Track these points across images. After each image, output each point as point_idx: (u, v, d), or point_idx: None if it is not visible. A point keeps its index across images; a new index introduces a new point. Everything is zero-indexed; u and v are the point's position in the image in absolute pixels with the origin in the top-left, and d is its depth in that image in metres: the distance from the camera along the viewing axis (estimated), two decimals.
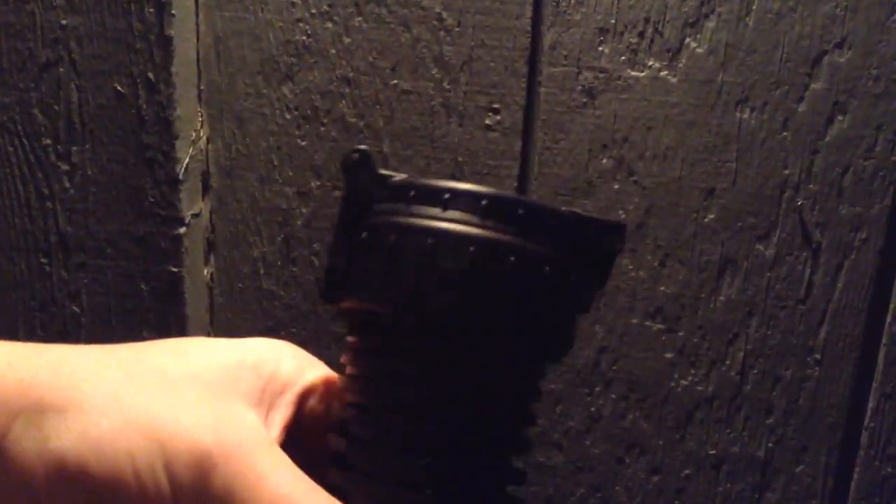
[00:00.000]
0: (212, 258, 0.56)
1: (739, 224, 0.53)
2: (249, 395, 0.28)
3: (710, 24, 0.51)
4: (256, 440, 0.26)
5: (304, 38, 0.52)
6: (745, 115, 0.52)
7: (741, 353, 0.55)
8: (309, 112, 0.53)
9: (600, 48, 0.51)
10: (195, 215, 0.54)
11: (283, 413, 0.30)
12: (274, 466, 0.26)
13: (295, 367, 0.31)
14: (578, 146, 0.53)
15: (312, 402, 0.32)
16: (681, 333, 0.55)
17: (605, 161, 0.53)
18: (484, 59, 0.52)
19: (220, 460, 0.25)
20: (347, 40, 0.52)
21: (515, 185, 0.53)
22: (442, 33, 0.51)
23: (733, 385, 0.56)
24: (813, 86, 0.51)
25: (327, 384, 0.32)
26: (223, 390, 0.27)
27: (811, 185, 0.53)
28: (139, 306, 0.55)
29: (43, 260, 0.54)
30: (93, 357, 0.27)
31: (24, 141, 0.53)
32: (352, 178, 0.29)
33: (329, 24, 0.52)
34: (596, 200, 0.53)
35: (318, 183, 0.54)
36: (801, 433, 0.56)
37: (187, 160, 0.53)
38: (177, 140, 0.52)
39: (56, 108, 0.52)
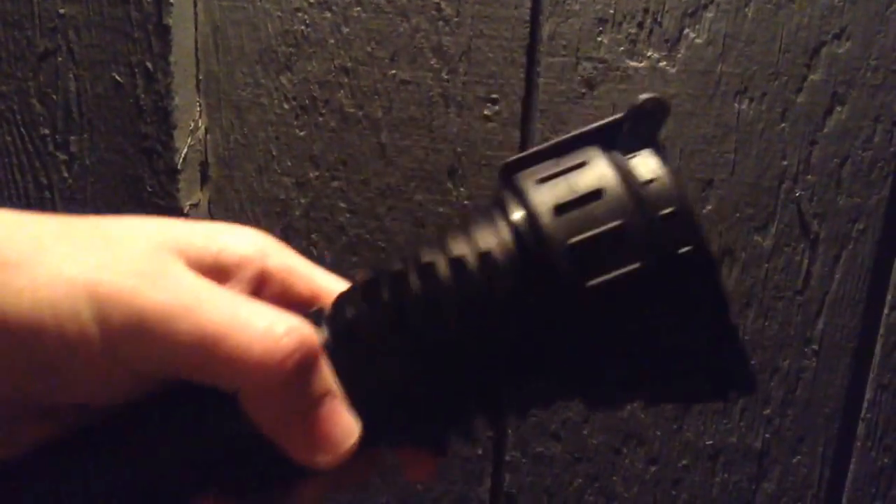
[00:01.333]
0: None
1: (737, 215, 0.53)
2: (195, 260, 0.27)
3: (709, 15, 0.51)
4: (199, 285, 0.25)
5: (303, 27, 0.52)
6: (744, 106, 0.52)
7: None
8: (307, 102, 0.53)
9: (599, 38, 0.51)
10: (193, 205, 0.54)
11: (236, 289, 0.29)
12: (223, 299, 0.25)
13: (257, 249, 0.30)
14: None
15: (273, 286, 0.30)
16: None
17: None
18: (483, 49, 0.52)
19: (160, 308, 0.24)
20: (346, 30, 0.52)
21: None
22: (441, 23, 0.51)
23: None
24: (811, 77, 0.51)
25: (290, 271, 0.31)
26: (165, 250, 0.26)
27: (809, 176, 0.53)
28: None
29: None
30: (41, 219, 0.26)
31: (23, 130, 0.53)
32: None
33: (327, 14, 0.52)
34: None
35: (317, 173, 0.54)
36: (798, 424, 0.57)
37: (186, 150, 0.53)
38: (175, 130, 0.52)
39: (54, 97, 0.52)
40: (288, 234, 0.55)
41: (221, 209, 0.55)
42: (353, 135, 0.53)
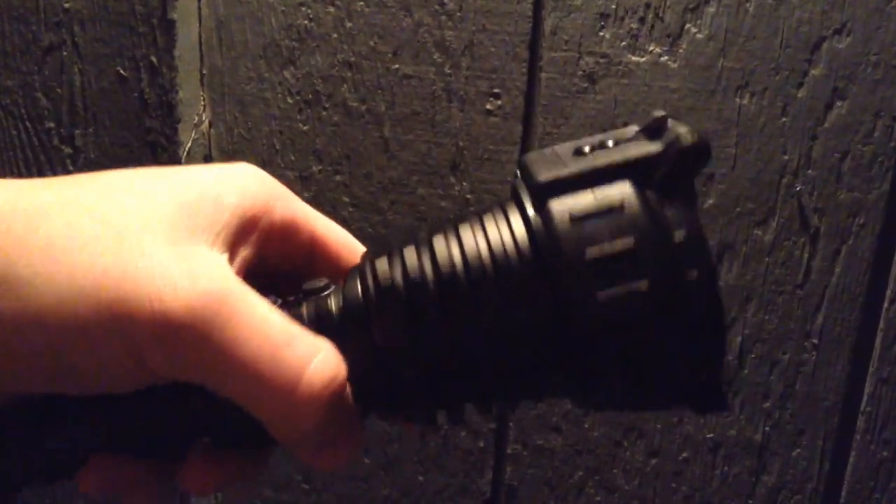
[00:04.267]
0: None
1: (738, 209, 0.54)
2: (210, 230, 0.26)
3: (711, 10, 0.51)
4: (228, 289, 0.24)
5: (307, 22, 0.52)
6: (745, 101, 0.52)
7: (739, 338, 0.56)
8: (311, 96, 0.53)
9: (601, 33, 0.52)
10: None
11: (247, 251, 0.28)
12: (253, 314, 0.24)
13: (263, 203, 0.29)
14: (579, 131, 0.53)
15: (275, 239, 0.30)
16: None
17: None
18: (485, 43, 0.52)
19: (187, 320, 0.23)
20: (349, 25, 0.52)
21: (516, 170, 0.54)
22: (443, 18, 0.52)
23: (731, 369, 0.56)
24: (812, 72, 0.52)
25: (293, 222, 0.30)
26: (183, 230, 0.25)
27: (810, 171, 0.53)
28: None
29: None
30: (35, 201, 0.24)
31: (28, 124, 0.53)
32: None
33: (331, 9, 0.52)
34: None
35: (320, 167, 0.54)
36: (797, 417, 0.57)
37: (189, 144, 0.53)
38: (179, 124, 0.52)
39: (59, 91, 0.53)
40: None
41: None
42: (356, 129, 0.54)
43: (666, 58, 0.52)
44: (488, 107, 0.53)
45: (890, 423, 0.56)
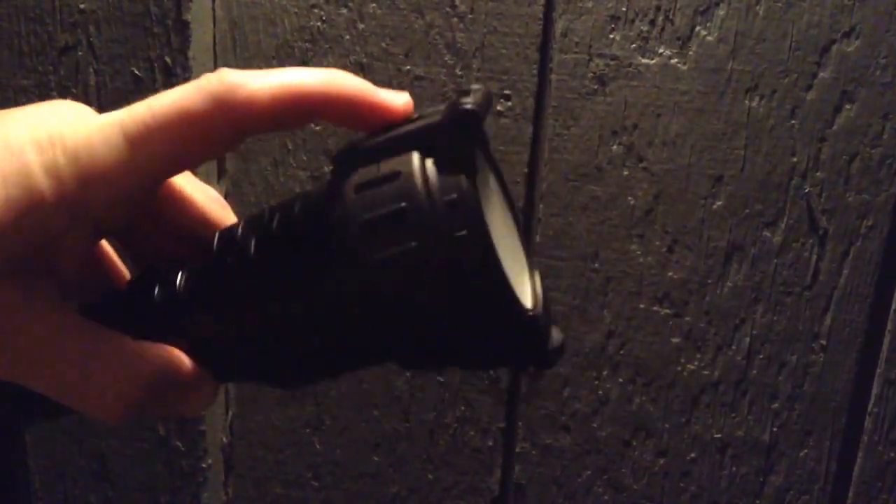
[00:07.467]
0: None
1: (747, 211, 0.54)
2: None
3: (721, 13, 0.51)
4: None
5: (319, 23, 0.53)
6: (754, 103, 0.53)
7: (747, 339, 0.56)
8: None
9: (611, 35, 0.52)
10: None
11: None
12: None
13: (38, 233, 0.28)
14: (589, 132, 0.53)
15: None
16: (688, 318, 0.56)
17: (614, 147, 0.53)
18: (496, 45, 0.52)
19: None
20: (361, 26, 0.53)
21: (526, 170, 0.54)
22: (455, 20, 0.52)
23: (739, 370, 0.57)
24: (821, 74, 0.52)
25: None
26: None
27: (819, 173, 0.53)
28: None
29: None
30: None
31: None
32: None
33: (343, 10, 0.52)
34: (605, 186, 0.54)
35: (331, 167, 0.55)
36: (805, 418, 0.57)
37: None
38: None
39: (74, 91, 0.53)
40: None
41: (238, 201, 0.56)
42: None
43: (676, 60, 0.52)
44: (499, 108, 0.53)
45: None
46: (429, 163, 0.27)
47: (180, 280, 0.30)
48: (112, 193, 0.25)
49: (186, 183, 0.32)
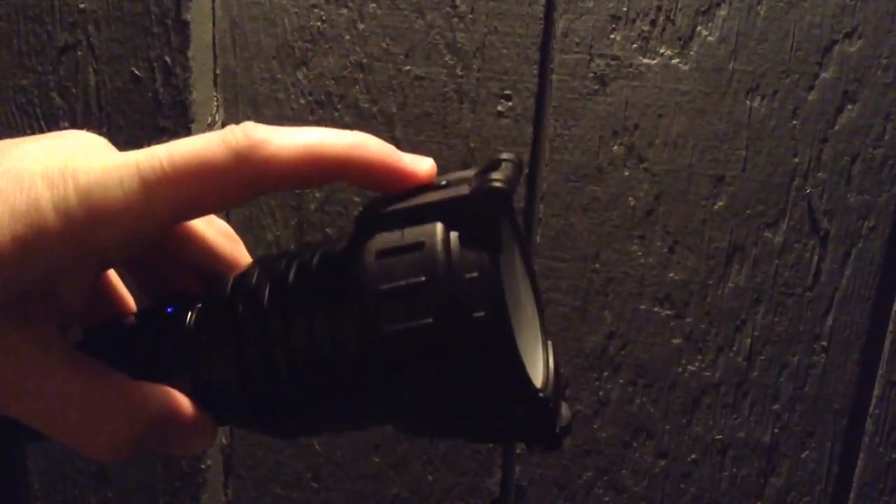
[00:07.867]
0: None
1: (748, 211, 0.54)
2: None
3: (722, 13, 0.51)
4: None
5: (319, 23, 0.52)
6: (756, 104, 0.52)
7: (748, 340, 0.56)
8: (323, 97, 0.54)
9: (612, 35, 0.52)
10: None
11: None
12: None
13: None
14: (589, 133, 0.53)
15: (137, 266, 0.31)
16: (689, 319, 0.56)
17: (615, 148, 0.53)
18: (497, 45, 0.52)
19: None
20: (362, 26, 0.52)
21: (526, 171, 0.54)
22: (455, 20, 0.52)
23: (740, 371, 0.56)
24: (823, 75, 0.52)
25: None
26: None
27: (820, 174, 0.53)
28: None
29: None
30: None
31: (42, 123, 0.54)
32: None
33: (343, 10, 0.52)
34: (606, 186, 0.54)
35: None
36: (806, 419, 0.57)
37: None
38: (192, 124, 0.53)
39: (73, 90, 0.53)
40: (303, 228, 0.56)
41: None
42: (368, 130, 0.53)
43: (677, 60, 0.52)
44: (499, 108, 0.53)
45: None
46: (453, 236, 0.26)
47: (189, 319, 0.29)
48: (121, 235, 0.25)
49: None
